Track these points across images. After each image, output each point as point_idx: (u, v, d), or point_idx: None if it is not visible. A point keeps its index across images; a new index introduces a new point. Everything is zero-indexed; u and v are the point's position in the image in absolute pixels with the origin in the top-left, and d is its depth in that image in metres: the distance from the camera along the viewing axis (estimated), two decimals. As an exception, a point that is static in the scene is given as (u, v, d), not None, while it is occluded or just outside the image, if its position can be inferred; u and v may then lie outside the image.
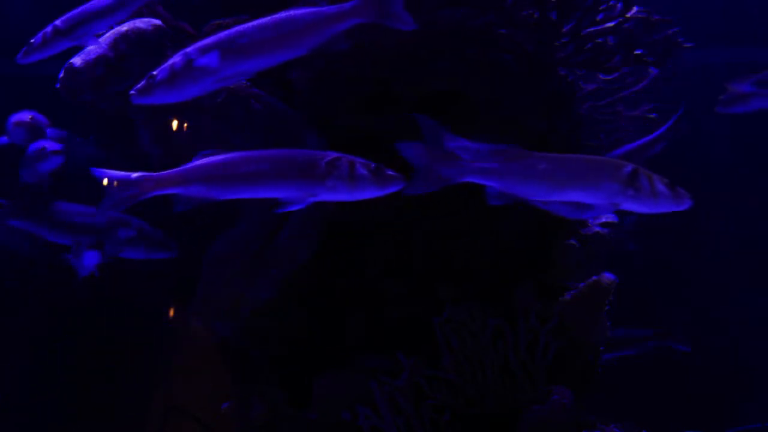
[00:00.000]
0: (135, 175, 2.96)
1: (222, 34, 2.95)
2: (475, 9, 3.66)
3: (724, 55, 6.12)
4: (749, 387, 6.18)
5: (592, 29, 3.89)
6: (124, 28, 3.69)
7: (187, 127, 3.67)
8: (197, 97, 3.24)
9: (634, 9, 3.91)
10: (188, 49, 2.93)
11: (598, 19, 3.89)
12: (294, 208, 2.92)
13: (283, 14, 2.96)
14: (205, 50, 2.91)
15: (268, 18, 2.96)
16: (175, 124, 3.67)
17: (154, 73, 2.93)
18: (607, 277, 3.66)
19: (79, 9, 3.46)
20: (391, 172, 2.87)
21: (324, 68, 3.67)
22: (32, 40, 3.48)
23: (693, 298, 6.10)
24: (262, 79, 3.71)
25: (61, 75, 3.62)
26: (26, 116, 4.46)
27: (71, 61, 3.61)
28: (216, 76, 2.92)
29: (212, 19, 3.68)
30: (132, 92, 2.96)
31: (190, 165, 2.96)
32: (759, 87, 3.87)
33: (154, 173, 2.96)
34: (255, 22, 2.95)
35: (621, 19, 3.88)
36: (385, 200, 3.70)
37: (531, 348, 3.60)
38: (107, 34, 3.69)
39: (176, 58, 2.92)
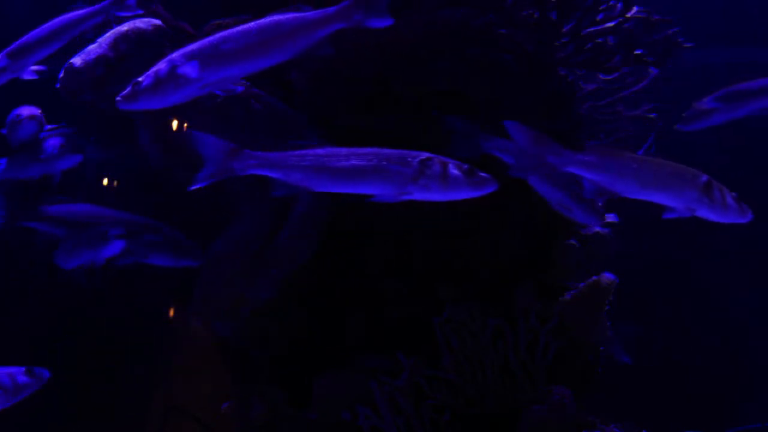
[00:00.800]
0: (236, 147, 2.95)
1: (206, 40, 2.96)
2: (475, 9, 3.66)
3: (724, 55, 6.12)
4: (749, 387, 6.18)
5: (592, 29, 3.89)
6: (124, 28, 3.69)
7: (186, 127, 3.67)
8: (197, 97, 3.25)
9: (634, 9, 3.91)
10: (172, 56, 2.95)
11: (598, 19, 3.89)
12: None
13: (267, 20, 2.97)
14: (189, 57, 2.93)
15: (252, 23, 2.97)
16: (175, 124, 3.67)
17: (140, 79, 2.96)
18: (607, 277, 3.66)
19: (20, 40, 3.54)
20: (483, 174, 2.88)
21: (324, 68, 3.67)
22: None
23: (693, 298, 6.10)
24: (262, 79, 3.71)
25: (61, 75, 3.62)
26: (35, 110, 4.42)
27: (71, 61, 3.61)
28: (200, 82, 2.93)
29: (212, 19, 3.68)
30: (118, 99, 2.98)
31: (291, 151, 2.97)
32: (720, 102, 4.02)
33: (258, 151, 2.96)
34: (239, 28, 2.97)
35: (621, 19, 3.88)
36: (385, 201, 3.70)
37: (531, 348, 3.60)
38: (107, 34, 3.69)
39: (161, 65, 2.94)
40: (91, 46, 3.63)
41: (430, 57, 3.62)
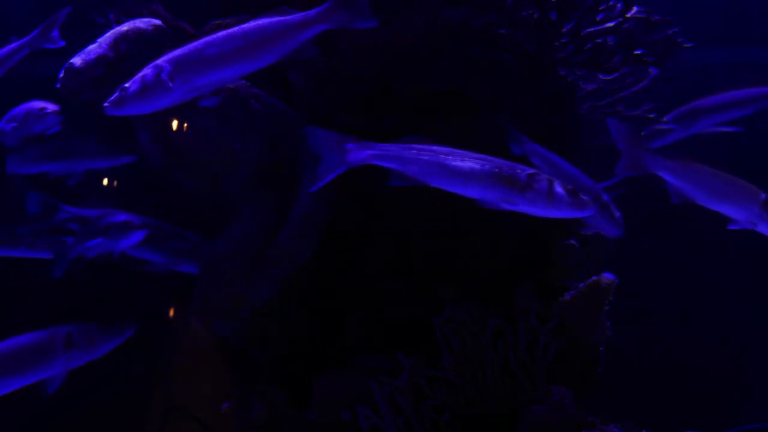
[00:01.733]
0: (352, 140, 3.00)
1: (191, 45, 2.99)
2: (475, 9, 3.66)
3: (724, 55, 6.13)
4: (749, 387, 6.18)
5: (592, 29, 3.89)
6: (124, 28, 3.69)
7: (186, 127, 3.67)
8: (197, 97, 3.26)
9: (634, 9, 3.91)
10: (158, 61, 2.98)
11: (598, 19, 3.89)
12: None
13: (250, 24, 2.99)
14: (174, 62, 2.95)
15: (236, 28, 3.00)
16: (174, 124, 3.67)
17: (126, 85, 2.98)
18: (607, 277, 3.66)
19: None
20: (584, 197, 2.98)
21: (324, 68, 3.67)
22: None
23: (693, 298, 6.10)
24: (262, 79, 3.72)
25: (61, 75, 3.62)
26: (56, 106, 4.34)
27: (71, 61, 3.61)
28: (186, 87, 2.95)
29: (212, 19, 3.69)
30: (105, 104, 3.01)
31: (408, 145, 3.01)
32: (675, 123, 4.20)
33: (373, 142, 3.01)
34: (223, 33, 3.00)
35: (621, 19, 3.88)
36: (384, 200, 3.70)
37: (531, 348, 3.61)
38: (107, 34, 3.69)
39: (147, 70, 2.97)
40: (91, 46, 3.63)
41: (430, 57, 3.62)
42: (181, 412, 4.92)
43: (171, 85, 2.94)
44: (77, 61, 3.60)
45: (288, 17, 2.99)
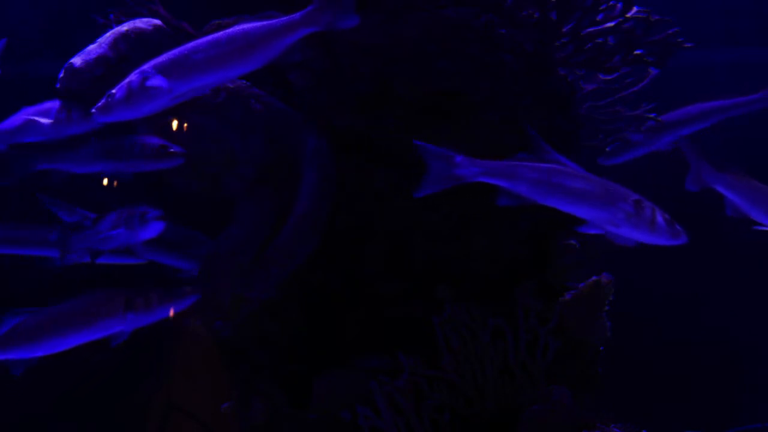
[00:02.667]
0: (460, 156, 3.06)
1: (176, 51, 3.01)
2: (475, 9, 3.66)
3: (724, 55, 6.13)
4: (749, 387, 6.18)
5: (592, 29, 3.89)
6: (124, 28, 3.69)
7: (186, 127, 3.67)
8: (197, 97, 3.26)
9: (634, 9, 3.91)
10: (144, 67, 2.99)
11: (598, 19, 3.89)
12: (591, 231, 3.19)
13: (235, 28, 3.00)
14: (159, 68, 2.96)
15: (222, 32, 3.01)
16: (174, 124, 3.67)
17: (113, 91, 3.00)
18: (607, 277, 3.67)
19: None
20: (679, 227, 3.06)
21: (324, 68, 3.67)
22: None
23: (693, 298, 6.10)
24: (262, 79, 3.71)
25: (61, 75, 3.62)
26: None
27: (71, 61, 3.61)
28: (172, 93, 2.96)
29: (212, 19, 3.68)
30: (93, 110, 3.04)
31: (516, 162, 3.07)
32: (646, 137, 4.29)
33: (482, 160, 3.06)
34: (208, 38, 3.01)
35: (621, 19, 3.88)
36: (384, 200, 3.70)
37: (531, 348, 3.61)
38: (107, 34, 3.69)
39: (132, 76, 2.98)
40: (91, 46, 3.63)
41: (430, 57, 3.62)
42: (181, 412, 4.92)
43: (156, 91, 2.96)
44: (77, 61, 3.60)
45: (273, 21, 3.00)
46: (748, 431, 5.67)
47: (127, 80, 3.00)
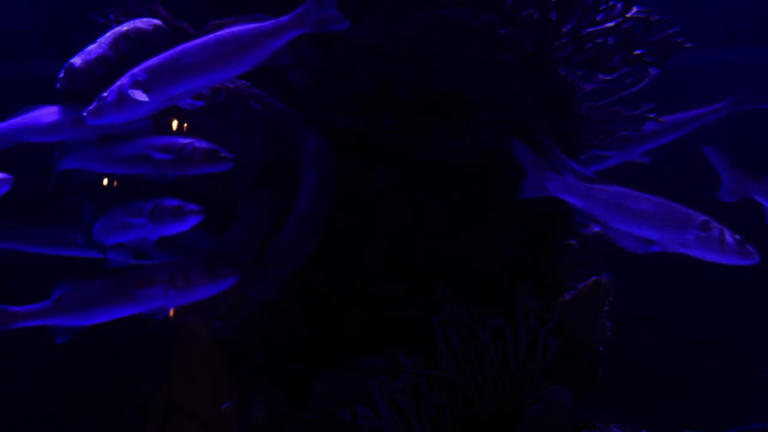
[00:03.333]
0: (549, 170, 3.22)
1: (166, 54, 3.02)
2: (475, 9, 3.66)
3: (724, 55, 6.13)
4: (750, 387, 6.18)
5: (592, 29, 3.89)
6: (124, 28, 3.69)
7: (186, 127, 3.67)
8: (199, 96, 3.26)
9: (634, 9, 3.91)
10: (134, 70, 3.00)
11: (598, 19, 3.89)
12: (655, 249, 3.20)
13: (224, 32, 3.01)
14: (150, 71, 2.96)
15: (210, 36, 3.02)
16: (175, 124, 3.67)
17: (104, 94, 3.02)
18: (607, 277, 3.67)
19: None
20: (751, 248, 3.10)
21: (324, 68, 3.67)
22: None
23: (693, 298, 6.10)
24: (262, 79, 3.71)
25: (61, 75, 3.62)
26: None
27: (71, 61, 3.61)
28: (162, 96, 2.97)
29: (212, 19, 3.68)
30: (84, 114, 3.06)
31: (593, 184, 3.19)
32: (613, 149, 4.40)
33: (569, 178, 3.23)
34: (197, 41, 3.02)
35: (621, 19, 3.88)
36: (384, 200, 3.70)
37: (531, 348, 3.61)
38: (107, 34, 3.69)
39: (123, 80, 2.99)
40: (91, 46, 3.63)
41: (430, 57, 3.62)
42: (181, 412, 4.93)
43: (147, 94, 2.97)
44: (77, 61, 3.60)
45: (261, 24, 3.01)
46: (748, 431, 5.67)
47: (117, 84, 3.01)
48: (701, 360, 6.13)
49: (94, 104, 3.06)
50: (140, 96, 2.97)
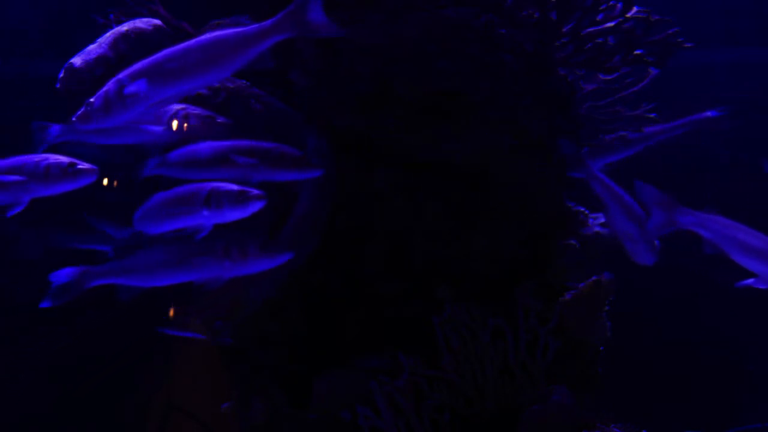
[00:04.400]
0: (679, 205, 3.38)
1: (151, 59, 3.06)
2: (475, 9, 3.66)
3: (724, 55, 6.13)
4: (750, 387, 6.18)
5: (592, 29, 3.89)
6: (124, 28, 3.69)
7: (186, 127, 3.66)
8: (199, 95, 3.26)
9: (634, 9, 3.91)
10: (120, 75, 3.03)
11: (598, 19, 3.89)
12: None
13: (207, 36, 3.03)
14: (135, 76, 2.99)
15: (193, 41, 3.03)
16: (174, 124, 3.67)
17: (92, 100, 3.07)
18: (607, 277, 3.67)
19: None
20: None
21: (324, 68, 3.67)
22: None
23: (693, 298, 6.10)
24: (262, 79, 3.71)
25: (61, 75, 3.62)
26: None
27: (71, 61, 3.61)
28: (147, 101, 2.99)
29: (212, 19, 3.69)
30: (73, 119, 3.10)
31: (716, 216, 3.37)
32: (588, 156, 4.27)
33: (695, 210, 3.38)
34: (181, 46, 3.04)
35: (621, 19, 3.88)
36: (384, 200, 3.71)
37: (531, 348, 3.61)
38: (107, 34, 3.69)
39: (110, 85, 3.04)
40: (91, 46, 3.63)
41: (430, 57, 3.62)
42: (181, 412, 4.93)
43: (133, 99, 3.00)
44: (77, 61, 3.60)
45: (244, 29, 3.02)
46: (748, 431, 5.67)
47: (104, 89, 3.04)
48: (701, 360, 6.13)
49: (83, 109, 3.10)
50: (134, 93, 2.99)
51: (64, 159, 3.29)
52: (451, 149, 3.64)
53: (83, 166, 3.28)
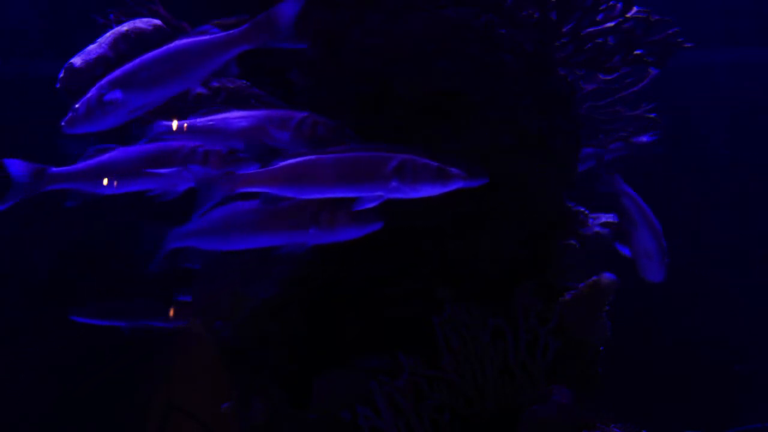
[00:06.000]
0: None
1: (126, 67, 3.17)
2: (475, 9, 3.66)
3: (724, 55, 6.14)
4: (750, 387, 6.19)
5: (592, 29, 3.89)
6: (124, 28, 3.69)
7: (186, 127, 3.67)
8: (198, 96, 3.27)
9: (634, 9, 3.91)
10: (101, 82, 3.14)
11: (598, 19, 3.89)
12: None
13: (174, 45, 3.08)
14: (113, 84, 3.08)
15: (162, 49, 3.09)
16: (174, 124, 3.67)
17: (77, 106, 3.13)
18: (607, 277, 3.67)
19: None
20: None
21: (324, 68, 3.67)
22: None
23: (693, 298, 6.10)
24: (262, 79, 3.72)
25: (61, 75, 3.62)
26: None
27: (71, 61, 3.61)
28: (126, 108, 3.06)
29: (212, 18, 3.68)
30: (62, 123, 3.16)
31: None
32: None
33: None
34: (151, 54, 3.10)
35: (621, 19, 3.88)
36: (384, 200, 3.70)
37: (531, 348, 3.61)
38: (107, 34, 3.69)
39: (92, 92, 3.12)
40: (91, 46, 3.63)
41: (430, 57, 3.62)
42: (181, 412, 4.93)
43: (112, 106, 3.05)
44: (77, 61, 3.60)
45: (211, 37, 3.07)
46: (748, 431, 5.67)
47: (87, 96, 3.11)
48: (701, 360, 6.13)
49: (69, 115, 3.16)
50: (113, 100, 3.06)
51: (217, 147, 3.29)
52: (451, 149, 3.64)
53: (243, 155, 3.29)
